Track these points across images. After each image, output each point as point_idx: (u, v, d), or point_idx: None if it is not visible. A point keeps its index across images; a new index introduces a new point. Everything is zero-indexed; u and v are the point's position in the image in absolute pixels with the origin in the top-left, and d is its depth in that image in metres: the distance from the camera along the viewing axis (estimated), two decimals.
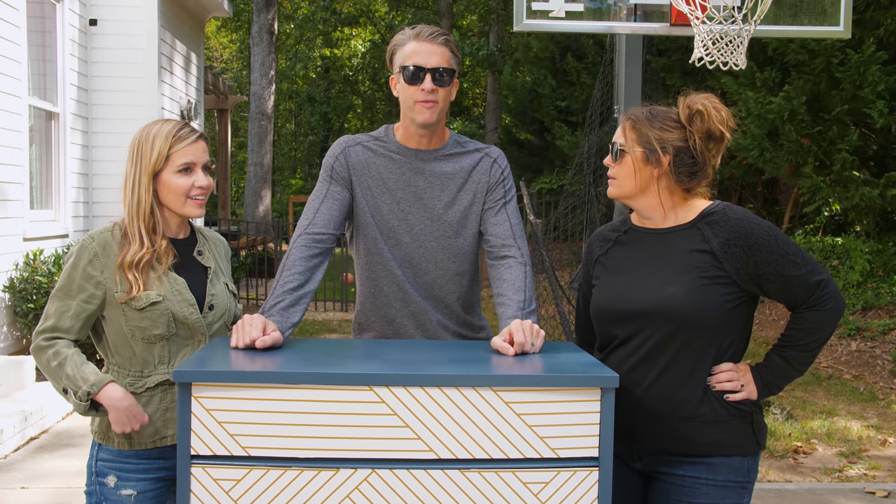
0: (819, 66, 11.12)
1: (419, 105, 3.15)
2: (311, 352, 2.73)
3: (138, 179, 3.02)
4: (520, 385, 2.37)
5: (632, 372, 2.79)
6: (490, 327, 3.50)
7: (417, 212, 3.25)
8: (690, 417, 2.75)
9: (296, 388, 2.35)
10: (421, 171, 3.26)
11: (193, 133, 3.07)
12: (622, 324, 2.85)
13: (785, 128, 11.25)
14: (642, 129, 2.84)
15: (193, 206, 3.06)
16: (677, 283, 2.74)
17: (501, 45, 26.34)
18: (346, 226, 3.35)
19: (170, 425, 3.02)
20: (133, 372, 3.00)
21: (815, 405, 8.47)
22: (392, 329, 3.34)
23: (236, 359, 2.55)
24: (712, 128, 2.81)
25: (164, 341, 2.99)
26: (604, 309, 2.91)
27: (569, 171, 15.42)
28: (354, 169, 3.28)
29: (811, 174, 11.28)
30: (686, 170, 2.83)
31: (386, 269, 3.28)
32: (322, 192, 3.27)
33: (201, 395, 2.35)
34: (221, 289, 3.15)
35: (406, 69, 3.15)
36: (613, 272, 2.94)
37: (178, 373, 2.32)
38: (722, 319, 2.73)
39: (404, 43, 3.19)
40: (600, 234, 3.11)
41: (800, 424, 7.74)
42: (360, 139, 3.34)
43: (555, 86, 20.25)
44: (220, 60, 44.25)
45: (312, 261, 3.12)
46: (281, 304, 2.96)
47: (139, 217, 3.01)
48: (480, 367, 2.50)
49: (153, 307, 2.95)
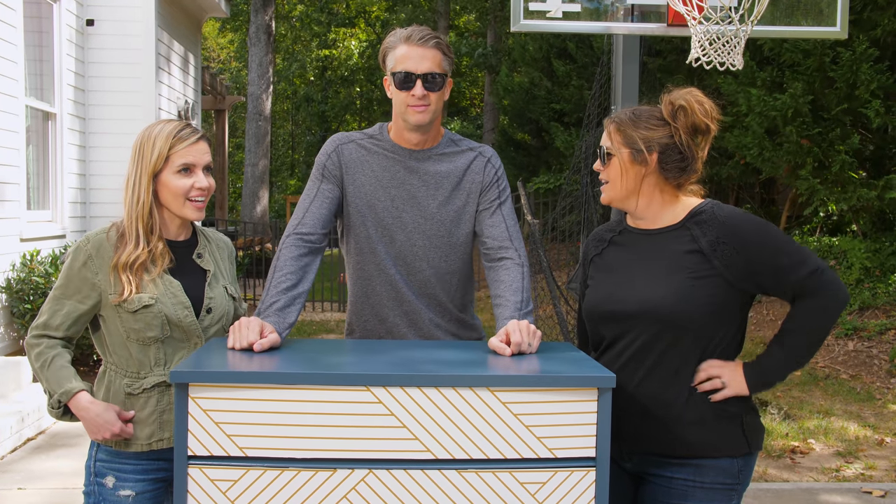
0: (812, 65, 11.14)
1: (411, 109, 3.16)
2: (308, 352, 2.74)
3: (139, 179, 3.01)
4: (517, 385, 2.37)
5: (620, 372, 2.79)
6: (486, 327, 3.50)
7: (411, 210, 3.25)
8: (677, 418, 2.75)
9: (293, 389, 2.35)
10: (415, 171, 3.26)
11: (195, 133, 3.06)
12: (610, 325, 2.85)
13: (786, 128, 11.26)
14: (627, 131, 2.85)
15: (192, 208, 3.06)
16: (664, 284, 2.74)
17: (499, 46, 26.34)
18: (337, 222, 3.35)
19: (167, 427, 3.01)
20: (130, 372, 3.00)
21: (813, 405, 8.48)
22: (385, 328, 3.33)
23: (233, 359, 2.55)
24: (697, 121, 2.81)
25: (159, 343, 2.98)
26: (593, 310, 2.92)
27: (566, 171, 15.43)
28: (347, 167, 3.28)
29: (808, 176, 11.29)
30: (674, 166, 2.83)
31: (379, 268, 3.28)
32: (313, 190, 3.27)
33: (198, 395, 2.35)
34: (220, 292, 3.14)
35: (397, 74, 3.16)
36: (605, 273, 2.95)
37: (175, 373, 2.32)
38: (708, 320, 2.72)
39: (395, 46, 3.18)
40: (596, 234, 3.11)
41: (797, 424, 7.75)
42: (353, 136, 3.35)
43: (550, 87, 20.26)
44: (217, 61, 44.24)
45: (303, 260, 3.12)
46: (276, 305, 2.95)
47: (138, 217, 3.00)
48: (477, 367, 2.51)
49: (146, 310, 2.94)
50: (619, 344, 2.83)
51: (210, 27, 39.38)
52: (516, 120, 22.99)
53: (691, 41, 5.28)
